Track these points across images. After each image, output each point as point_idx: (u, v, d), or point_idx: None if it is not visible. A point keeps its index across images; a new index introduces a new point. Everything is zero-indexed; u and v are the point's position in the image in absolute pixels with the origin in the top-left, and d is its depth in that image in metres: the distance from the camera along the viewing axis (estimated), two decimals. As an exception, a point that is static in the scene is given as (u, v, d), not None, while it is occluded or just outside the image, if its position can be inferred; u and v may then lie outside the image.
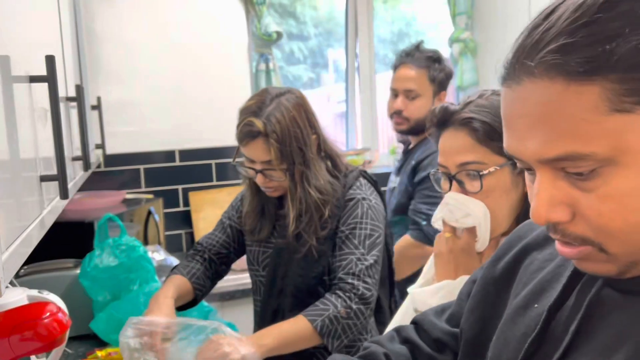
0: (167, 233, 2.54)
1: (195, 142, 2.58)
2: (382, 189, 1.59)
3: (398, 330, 0.88)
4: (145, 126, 2.51)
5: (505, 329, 0.69)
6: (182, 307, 1.49)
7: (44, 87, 0.87)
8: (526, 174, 0.60)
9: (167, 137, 2.55)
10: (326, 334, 1.31)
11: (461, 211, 1.03)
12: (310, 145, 1.41)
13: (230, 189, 2.60)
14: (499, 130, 0.95)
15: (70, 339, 1.49)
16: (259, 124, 1.36)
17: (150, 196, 2.41)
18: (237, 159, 1.48)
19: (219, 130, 2.51)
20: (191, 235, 2.61)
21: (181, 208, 2.60)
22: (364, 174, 1.52)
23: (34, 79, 0.79)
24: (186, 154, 2.59)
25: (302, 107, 1.41)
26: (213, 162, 2.62)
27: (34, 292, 1.17)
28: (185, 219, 2.61)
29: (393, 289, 1.62)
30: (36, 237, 0.76)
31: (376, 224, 1.42)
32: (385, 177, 2.92)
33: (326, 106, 3.75)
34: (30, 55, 0.82)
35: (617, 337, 0.55)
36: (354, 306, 1.33)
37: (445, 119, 1.05)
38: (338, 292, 1.35)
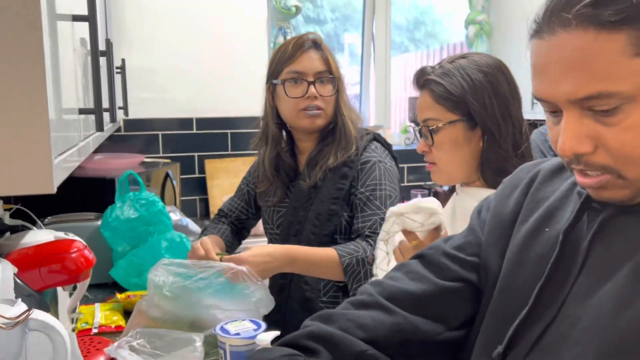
0: (182, 198, 2.62)
1: (212, 111, 2.65)
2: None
3: (402, 266, 0.86)
4: (165, 93, 2.58)
5: (517, 251, 0.74)
6: None
7: (82, 31, 0.94)
8: (549, 116, 0.67)
9: (185, 105, 2.62)
10: (350, 272, 1.36)
11: (422, 215, 1.08)
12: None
13: (245, 158, 2.67)
14: (453, 92, 1.11)
15: (91, 286, 1.56)
16: (316, 34, 1.48)
17: (168, 161, 2.48)
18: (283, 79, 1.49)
19: (236, 101, 2.58)
20: (205, 201, 2.69)
21: (196, 175, 2.68)
22: (377, 138, 1.55)
23: (76, 18, 0.85)
24: (203, 123, 2.66)
25: None
26: (229, 131, 2.68)
27: (61, 234, 1.24)
28: (200, 186, 2.68)
29: None
30: (75, 163, 0.82)
31: (393, 186, 1.47)
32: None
33: (340, 87, 3.79)
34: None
35: (630, 246, 0.62)
36: None
37: (420, 81, 1.18)
38: (369, 240, 1.40)
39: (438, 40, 4.02)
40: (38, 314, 0.88)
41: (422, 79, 1.16)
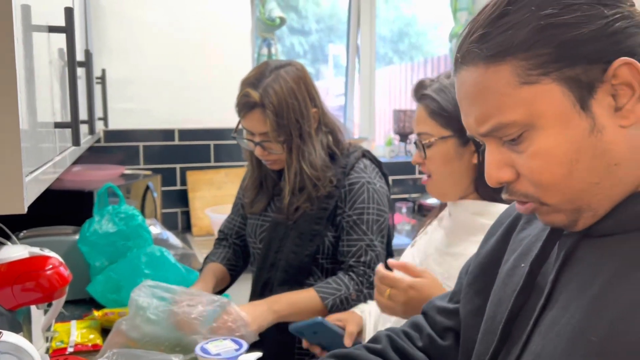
0: (164, 211, 2.57)
1: (195, 122, 2.61)
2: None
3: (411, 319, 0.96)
4: (146, 104, 2.54)
5: (498, 291, 0.74)
6: (222, 291, 1.57)
7: (60, 42, 0.91)
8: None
9: (167, 116, 2.58)
10: (335, 312, 1.35)
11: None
12: (308, 118, 1.41)
13: (228, 170, 2.63)
14: (447, 108, 1.13)
15: (67, 302, 1.51)
16: (255, 95, 1.36)
17: (149, 172, 2.44)
18: (238, 132, 1.51)
19: (219, 112, 2.54)
20: (187, 214, 2.64)
21: (178, 187, 2.63)
22: (366, 155, 1.50)
23: (52, 29, 0.82)
24: (185, 134, 2.62)
25: (302, 80, 1.41)
26: (212, 142, 2.65)
27: (36, 249, 1.20)
28: (182, 198, 2.64)
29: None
30: (51, 176, 0.79)
31: (381, 207, 1.43)
32: (380, 168, 2.96)
33: (325, 99, 3.80)
34: (49, 7, 0.85)
35: (590, 274, 0.61)
36: (365, 290, 1.38)
37: (417, 94, 1.19)
38: (352, 274, 1.38)
39: (422, 53, 4.04)
40: (8, 336, 0.85)
41: (419, 92, 1.18)
